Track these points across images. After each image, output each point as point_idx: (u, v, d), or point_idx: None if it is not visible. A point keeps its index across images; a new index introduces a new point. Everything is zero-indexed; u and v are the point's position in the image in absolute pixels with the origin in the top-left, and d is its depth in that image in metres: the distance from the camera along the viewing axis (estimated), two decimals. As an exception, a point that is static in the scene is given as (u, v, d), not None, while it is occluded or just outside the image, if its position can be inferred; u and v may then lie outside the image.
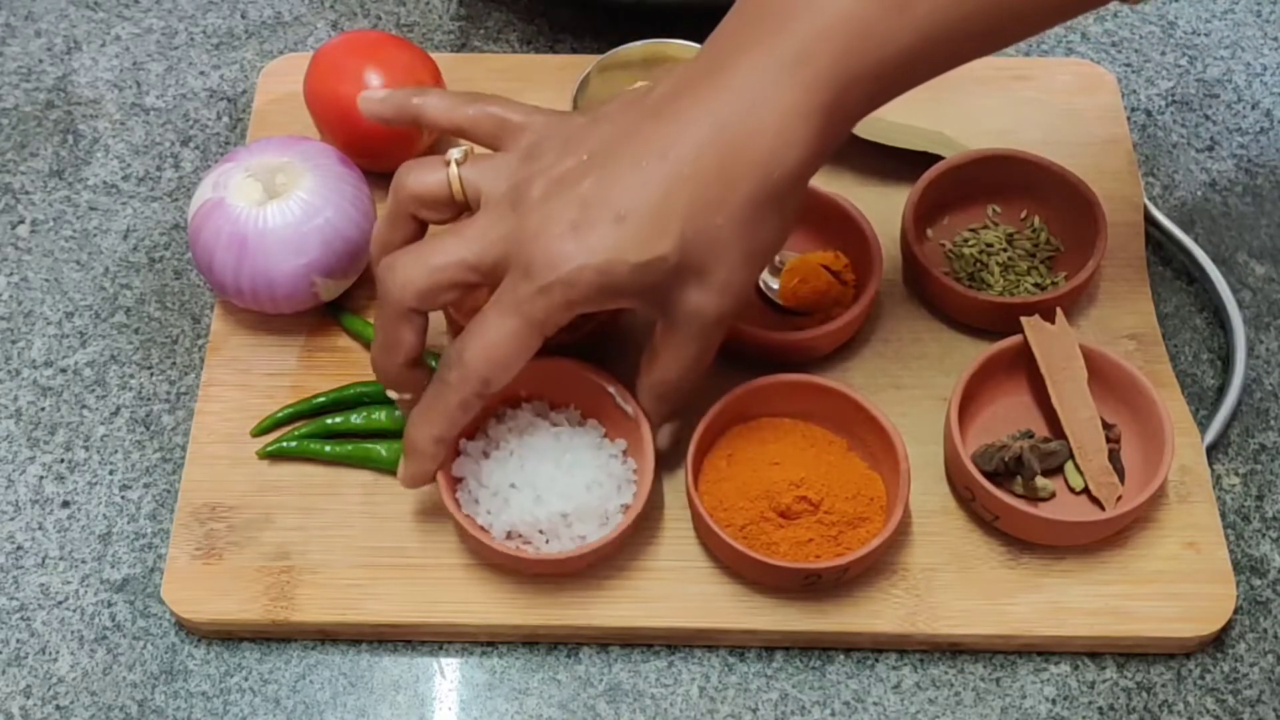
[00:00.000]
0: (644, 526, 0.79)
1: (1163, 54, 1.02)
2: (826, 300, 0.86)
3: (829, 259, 0.87)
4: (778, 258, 0.88)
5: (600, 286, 0.70)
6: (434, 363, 0.84)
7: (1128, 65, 1.02)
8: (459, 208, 0.74)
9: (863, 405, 0.79)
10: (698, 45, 0.91)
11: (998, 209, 0.91)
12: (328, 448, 0.82)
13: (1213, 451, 0.84)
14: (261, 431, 0.83)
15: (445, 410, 0.73)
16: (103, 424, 0.86)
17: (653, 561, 0.79)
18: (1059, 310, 0.82)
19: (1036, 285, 0.87)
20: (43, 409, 0.86)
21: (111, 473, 0.84)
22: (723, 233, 0.70)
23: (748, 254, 0.71)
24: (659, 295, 0.72)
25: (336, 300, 0.87)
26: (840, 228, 0.87)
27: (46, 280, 0.92)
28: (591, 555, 0.76)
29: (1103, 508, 0.79)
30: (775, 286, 0.87)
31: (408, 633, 0.78)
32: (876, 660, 0.78)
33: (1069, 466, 0.80)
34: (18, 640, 0.79)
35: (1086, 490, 0.80)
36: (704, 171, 0.69)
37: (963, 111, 0.96)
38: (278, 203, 0.83)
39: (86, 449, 0.85)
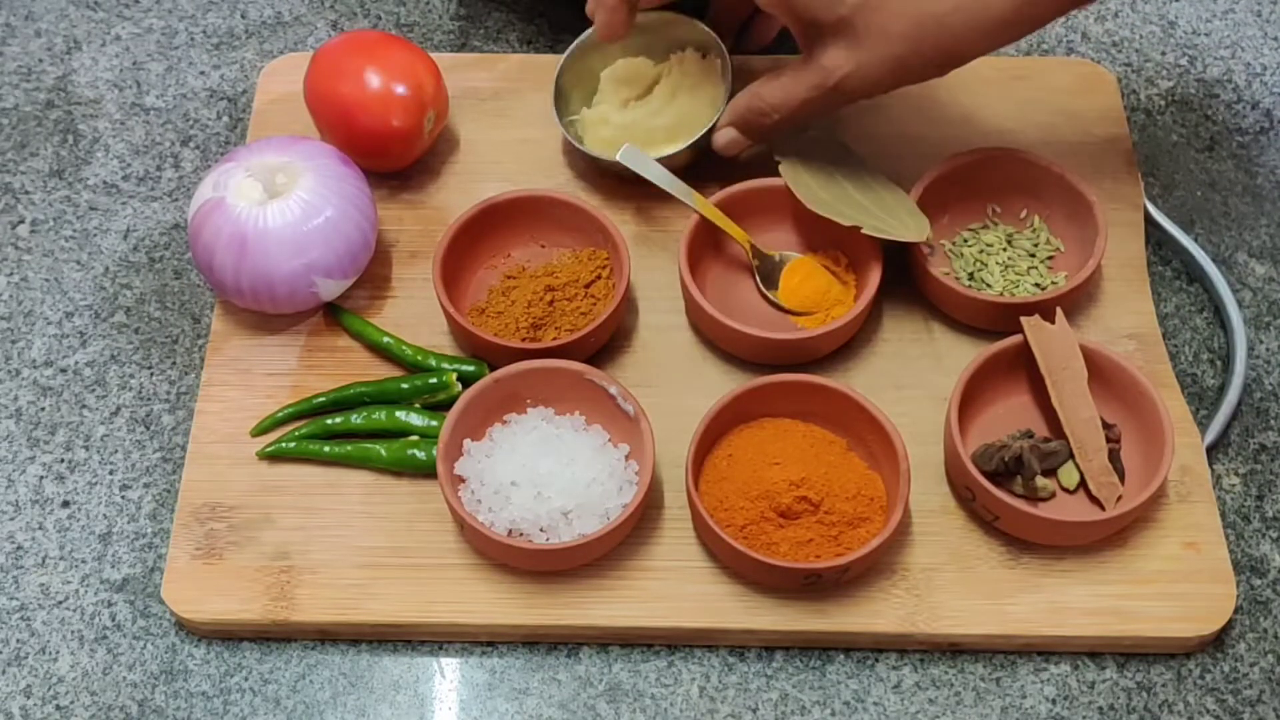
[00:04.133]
0: (644, 526, 0.79)
1: (1163, 54, 1.02)
2: (827, 300, 0.86)
3: (830, 259, 0.87)
4: (778, 256, 0.88)
5: None
6: (433, 362, 0.84)
7: (1128, 65, 1.02)
8: None
9: (863, 405, 0.79)
10: (675, 14, 0.92)
11: (998, 209, 0.91)
12: (327, 448, 0.82)
13: (1213, 451, 0.84)
14: (261, 431, 0.83)
15: None
16: (103, 424, 0.86)
17: (653, 561, 0.79)
18: (1059, 310, 0.82)
19: (1036, 285, 0.87)
20: (43, 409, 0.86)
21: (111, 473, 0.84)
22: (895, 28, 0.78)
23: (900, 62, 0.79)
24: (814, 32, 0.80)
25: (336, 300, 0.87)
26: (841, 228, 0.87)
27: (46, 280, 0.92)
28: (592, 548, 0.76)
29: (1103, 508, 0.79)
30: (775, 287, 0.87)
31: (408, 633, 0.78)
32: (876, 660, 0.78)
33: (1065, 464, 0.80)
34: (18, 640, 0.79)
35: (1086, 490, 0.80)
36: None
37: (963, 111, 0.96)
38: (278, 203, 0.83)
39: (86, 449, 0.85)
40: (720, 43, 0.91)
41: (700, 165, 0.90)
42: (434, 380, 0.83)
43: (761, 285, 0.88)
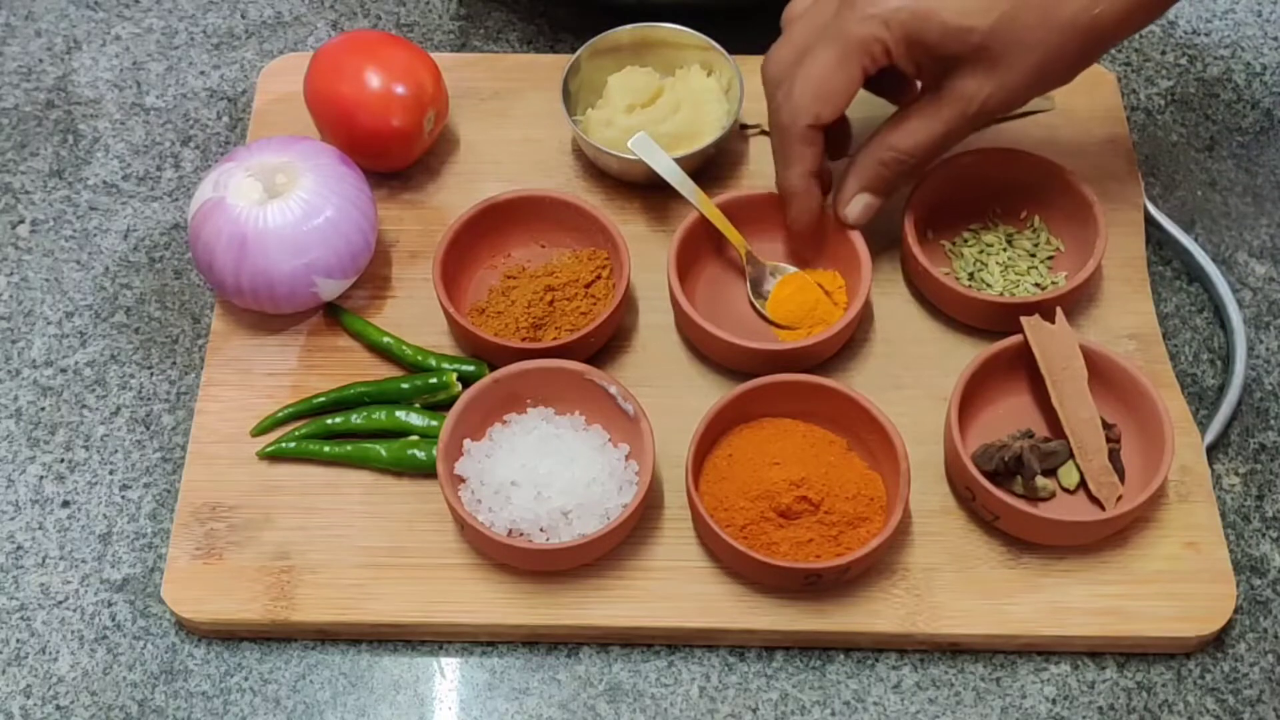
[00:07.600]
0: (644, 526, 0.79)
1: (1163, 54, 1.02)
2: (811, 318, 0.85)
3: (826, 278, 0.87)
4: (770, 266, 0.87)
5: (909, 31, 0.76)
6: (433, 362, 0.84)
7: (1128, 65, 1.02)
8: None
9: (863, 405, 0.79)
10: (687, 30, 0.93)
11: (998, 209, 0.91)
12: (327, 448, 0.82)
13: (1213, 451, 0.84)
14: (261, 431, 0.83)
15: (789, 149, 0.81)
16: (103, 424, 0.86)
17: (653, 561, 0.79)
18: (1059, 310, 0.82)
19: (1036, 285, 0.87)
20: (43, 409, 0.86)
21: (111, 473, 0.84)
22: (1033, 38, 0.76)
23: (1041, 70, 0.78)
24: (945, 65, 0.78)
25: (336, 300, 0.87)
26: (838, 249, 0.86)
27: (46, 280, 0.92)
28: (592, 548, 0.76)
29: (1103, 508, 0.79)
30: (764, 297, 0.87)
31: (408, 633, 0.78)
32: (876, 660, 0.78)
33: (1065, 464, 0.80)
34: (18, 640, 0.79)
35: (1086, 490, 0.80)
36: None
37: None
38: (278, 202, 0.83)
39: (86, 449, 0.85)
40: (729, 59, 0.92)
41: (699, 174, 0.91)
42: (434, 380, 0.83)
43: (750, 293, 0.87)
